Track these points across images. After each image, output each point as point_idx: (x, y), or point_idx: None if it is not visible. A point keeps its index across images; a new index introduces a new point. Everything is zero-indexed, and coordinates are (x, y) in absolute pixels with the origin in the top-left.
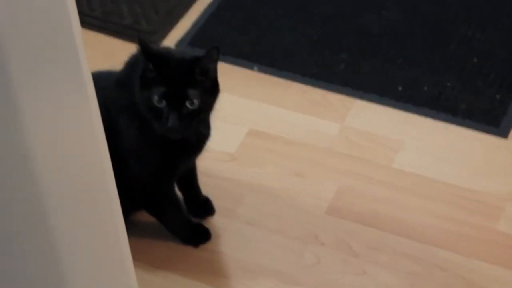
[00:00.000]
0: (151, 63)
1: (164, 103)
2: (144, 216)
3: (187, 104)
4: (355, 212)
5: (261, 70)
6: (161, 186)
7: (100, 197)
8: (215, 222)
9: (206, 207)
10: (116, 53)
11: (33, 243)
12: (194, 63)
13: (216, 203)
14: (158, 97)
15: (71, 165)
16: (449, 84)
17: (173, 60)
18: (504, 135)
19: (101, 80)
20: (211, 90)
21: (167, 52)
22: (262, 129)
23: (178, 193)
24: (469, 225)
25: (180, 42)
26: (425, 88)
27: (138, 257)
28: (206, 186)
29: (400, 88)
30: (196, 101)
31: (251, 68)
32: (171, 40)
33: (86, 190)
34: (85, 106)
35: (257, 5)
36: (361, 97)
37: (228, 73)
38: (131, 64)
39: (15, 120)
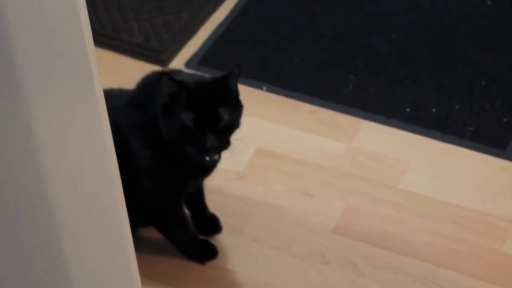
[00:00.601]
0: (181, 91)
1: (195, 126)
2: (151, 232)
3: (220, 123)
4: (362, 232)
5: (269, 90)
6: (170, 204)
7: (108, 213)
8: (222, 240)
9: (213, 225)
10: (126, 71)
11: (42, 257)
12: (220, 83)
13: (223, 220)
14: (191, 122)
15: (81, 180)
16: (456, 106)
17: (199, 84)
18: (511, 158)
19: (112, 99)
20: (236, 106)
21: (189, 78)
22: (270, 148)
23: (186, 210)
24: (474, 246)
25: (190, 61)
26: (433, 110)
27: (145, 273)
28: (214, 204)
29: (408, 110)
30: (226, 118)
31: (260, 88)
32: (181, 59)
33: (95, 206)
34: (97, 122)
35: (267, 26)
36: (369, 118)
37: None
38: (144, 85)
39: (28, 136)
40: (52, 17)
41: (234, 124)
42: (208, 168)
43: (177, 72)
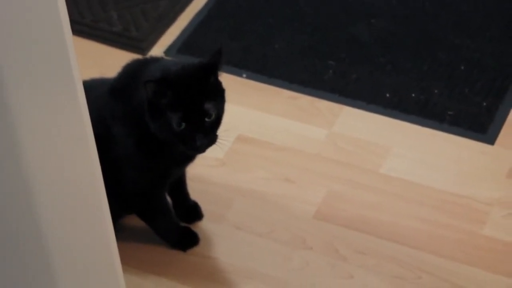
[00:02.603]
0: (170, 91)
1: (183, 125)
2: (133, 220)
3: (207, 119)
4: (343, 217)
5: (250, 77)
6: (153, 192)
7: (89, 202)
8: (204, 227)
9: (194, 212)
10: (105, 60)
11: (23, 246)
12: (208, 71)
13: (205, 208)
14: (177, 123)
15: (61, 169)
16: (436, 91)
17: (183, 79)
18: (491, 141)
19: (94, 88)
20: (221, 96)
21: (172, 66)
22: (251, 135)
23: (168, 198)
24: (455, 230)
25: (169, 49)
26: (413, 95)
27: (127, 261)
28: (195, 191)
29: (388, 95)
30: (213, 113)
31: (240, 75)
32: (160, 47)
33: (76, 195)
34: (76, 111)
35: (247, 13)
36: (349, 104)
37: None
38: (126, 73)
39: (6, 124)
40: (29, 7)
41: (220, 116)
42: (189, 157)
43: (158, 59)
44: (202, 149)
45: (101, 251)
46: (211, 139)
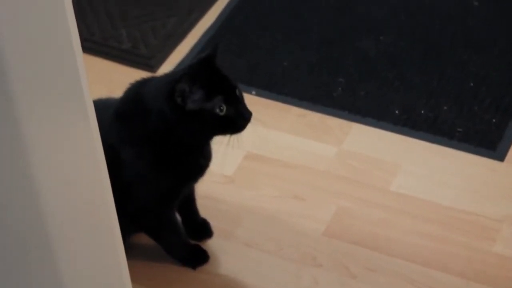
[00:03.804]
0: (197, 84)
1: (224, 108)
2: (143, 238)
3: (237, 92)
4: (353, 234)
5: (259, 94)
6: (163, 210)
7: (99, 219)
8: (213, 244)
9: (204, 230)
10: (114, 77)
11: (34, 262)
12: (213, 59)
13: (214, 225)
14: (219, 107)
15: (71, 187)
16: (445, 107)
17: (200, 69)
18: (500, 158)
19: (99, 111)
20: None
21: (186, 69)
22: (260, 152)
23: (177, 215)
24: (465, 247)
25: (179, 66)
26: (422, 112)
27: (137, 278)
28: (204, 209)
29: (397, 112)
30: (236, 83)
31: (249, 92)
32: (169, 64)
33: (86, 213)
34: (87, 129)
35: (256, 30)
36: (359, 121)
37: None
38: (130, 97)
39: (17, 142)
40: (40, 26)
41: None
42: (202, 170)
43: (154, 76)
44: (250, 117)
45: (111, 269)
46: (248, 109)
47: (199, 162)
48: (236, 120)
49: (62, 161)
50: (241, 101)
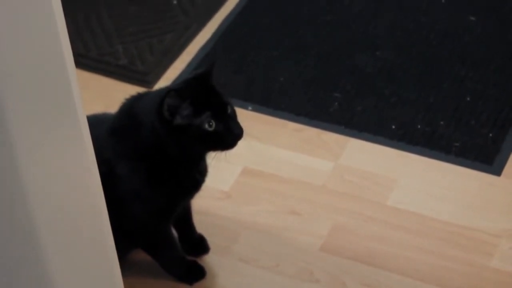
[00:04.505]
0: (187, 100)
1: (214, 124)
2: (139, 254)
3: (229, 109)
4: (350, 249)
5: (255, 110)
6: (160, 226)
7: (94, 238)
8: (210, 260)
9: (200, 245)
10: (111, 94)
11: (29, 283)
12: (208, 76)
13: (210, 241)
14: (208, 123)
15: (65, 205)
16: (442, 122)
17: (193, 85)
18: (497, 173)
19: (94, 127)
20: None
21: (179, 85)
22: (257, 167)
23: (173, 231)
24: (463, 262)
25: (175, 82)
26: (419, 127)
27: None
28: (201, 224)
29: (393, 127)
30: (229, 102)
31: (246, 107)
32: (165, 80)
33: (81, 231)
34: (80, 146)
35: (252, 46)
36: (355, 136)
37: None
38: (124, 112)
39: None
40: (32, 44)
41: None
42: (198, 185)
43: (148, 91)
44: (241, 133)
45: (106, 286)
46: (240, 125)
47: (195, 177)
48: (226, 136)
49: (55, 176)
50: (232, 117)
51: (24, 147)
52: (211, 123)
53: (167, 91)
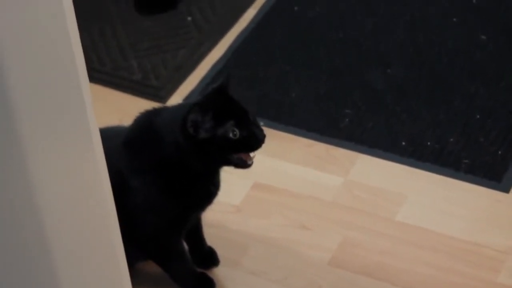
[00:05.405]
0: (210, 112)
1: (238, 132)
2: (148, 265)
3: (250, 116)
4: (358, 264)
5: (267, 125)
6: (171, 238)
7: (104, 247)
8: (220, 273)
9: (210, 258)
10: (125, 108)
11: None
12: (224, 88)
13: (220, 253)
14: (232, 132)
15: (77, 215)
16: (452, 139)
17: (213, 97)
18: (506, 190)
19: (109, 139)
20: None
21: (200, 99)
22: (267, 182)
23: (184, 243)
24: (470, 277)
25: (188, 97)
26: (429, 143)
27: None
28: (211, 237)
29: (403, 143)
30: (248, 109)
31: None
32: (179, 95)
33: (90, 239)
34: (92, 158)
35: (264, 63)
36: (365, 152)
37: None
38: (139, 126)
39: (23, 173)
40: (46, 57)
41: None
42: (211, 197)
43: (166, 107)
44: (264, 138)
45: None
46: (262, 130)
47: (209, 189)
48: (250, 141)
49: (67, 191)
50: (254, 122)
51: (36, 156)
52: (235, 132)
53: (190, 107)
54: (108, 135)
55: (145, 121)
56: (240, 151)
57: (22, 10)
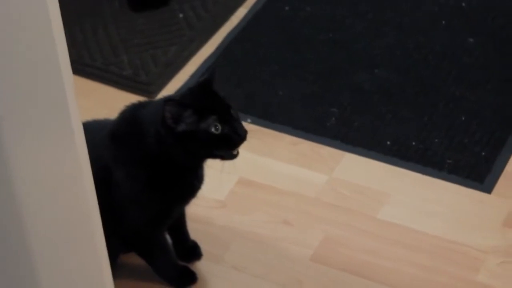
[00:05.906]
0: (190, 108)
1: (220, 127)
2: (132, 258)
3: (232, 111)
4: (340, 261)
5: (254, 122)
6: (155, 231)
7: (85, 241)
8: (202, 267)
9: (193, 252)
10: (115, 103)
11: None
12: (210, 82)
13: (203, 248)
14: (215, 126)
15: (57, 208)
16: (436, 140)
17: (196, 92)
18: (488, 191)
19: (95, 132)
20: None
21: (183, 93)
22: (252, 178)
23: (167, 237)
24: (451, 276)
25: (177, 93)
26: (413, 144)
27: None
28: (195, 231)
29: (388, 143)
30: (231, 104)
31: (245, 120)
32: (168, 91)
33: (71, 234)
34: (73, 152)
35: (253, 62)
36: (350, 151)
37: None
38: (124, 118)
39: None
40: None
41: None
42: (195, 191)
43: (152, 100)
44: (245, 134)
45: None
46: (244, 127)
47: (193, 183)
48: (232, 137)
49: (47, 180)
50: (236, 119)
51: (16, 151)
52: (217, 127)
53: (165, 99)
54: (95, 128)
55: (130, 114)
56: (221, 147)
57: (5, 3)
